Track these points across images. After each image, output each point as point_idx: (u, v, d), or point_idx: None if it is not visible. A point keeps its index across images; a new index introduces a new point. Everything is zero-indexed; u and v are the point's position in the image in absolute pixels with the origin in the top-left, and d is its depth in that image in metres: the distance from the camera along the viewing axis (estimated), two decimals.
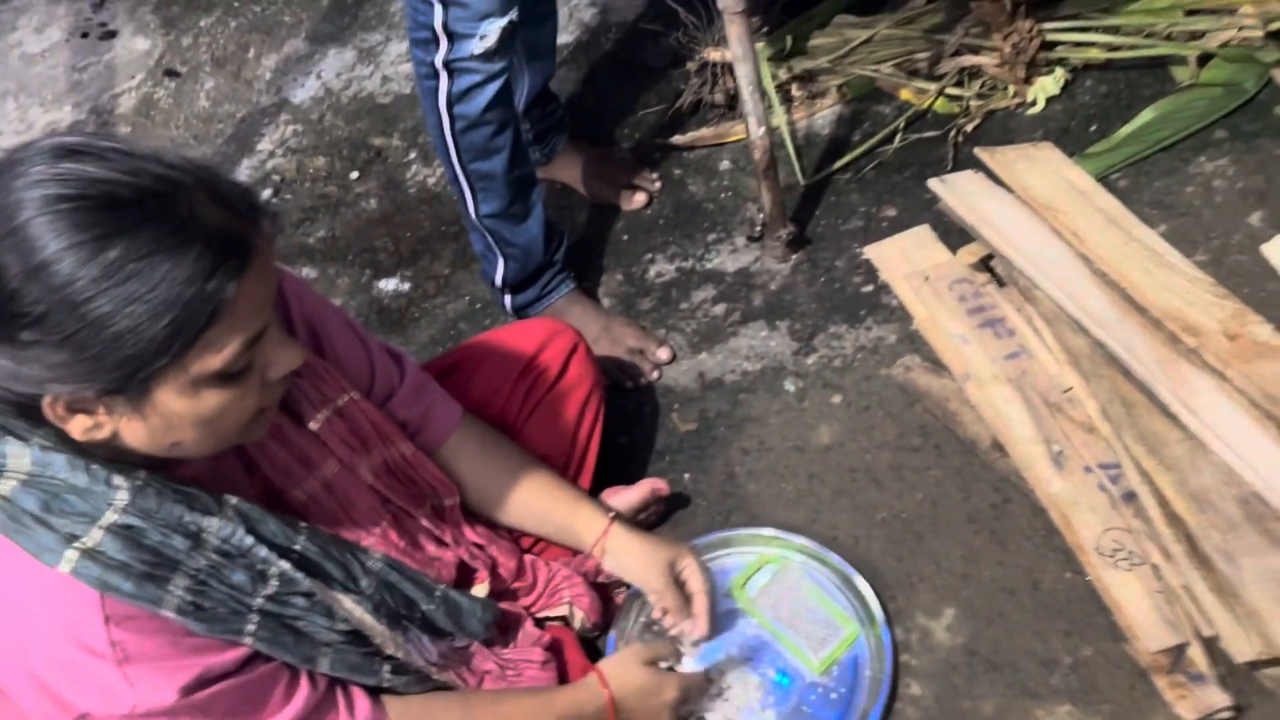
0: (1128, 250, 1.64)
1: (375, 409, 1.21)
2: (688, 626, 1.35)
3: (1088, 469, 1.45)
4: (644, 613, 1.43)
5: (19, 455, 0.92)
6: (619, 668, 1.25)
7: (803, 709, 1.33)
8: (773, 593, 1.45)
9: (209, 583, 0.98)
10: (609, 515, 1.36)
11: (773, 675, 1.36)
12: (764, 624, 1.41)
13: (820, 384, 1.69)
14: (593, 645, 1.43)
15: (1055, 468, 1.46)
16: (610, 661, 1.28)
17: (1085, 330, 1.56)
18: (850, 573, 1.43)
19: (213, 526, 0.98)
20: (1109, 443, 1.46)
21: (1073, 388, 1.53)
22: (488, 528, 1.35)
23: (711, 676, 1.36)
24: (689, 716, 1.33)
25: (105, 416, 0.89)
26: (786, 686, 1.35)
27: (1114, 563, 1.37)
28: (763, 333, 1.78)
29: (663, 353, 1.78)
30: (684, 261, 1.92)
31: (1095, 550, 1.38)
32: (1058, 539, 1.43)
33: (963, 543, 1.48)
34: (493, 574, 1.32)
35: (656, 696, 1.25)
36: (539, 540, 1.43)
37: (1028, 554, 1.44)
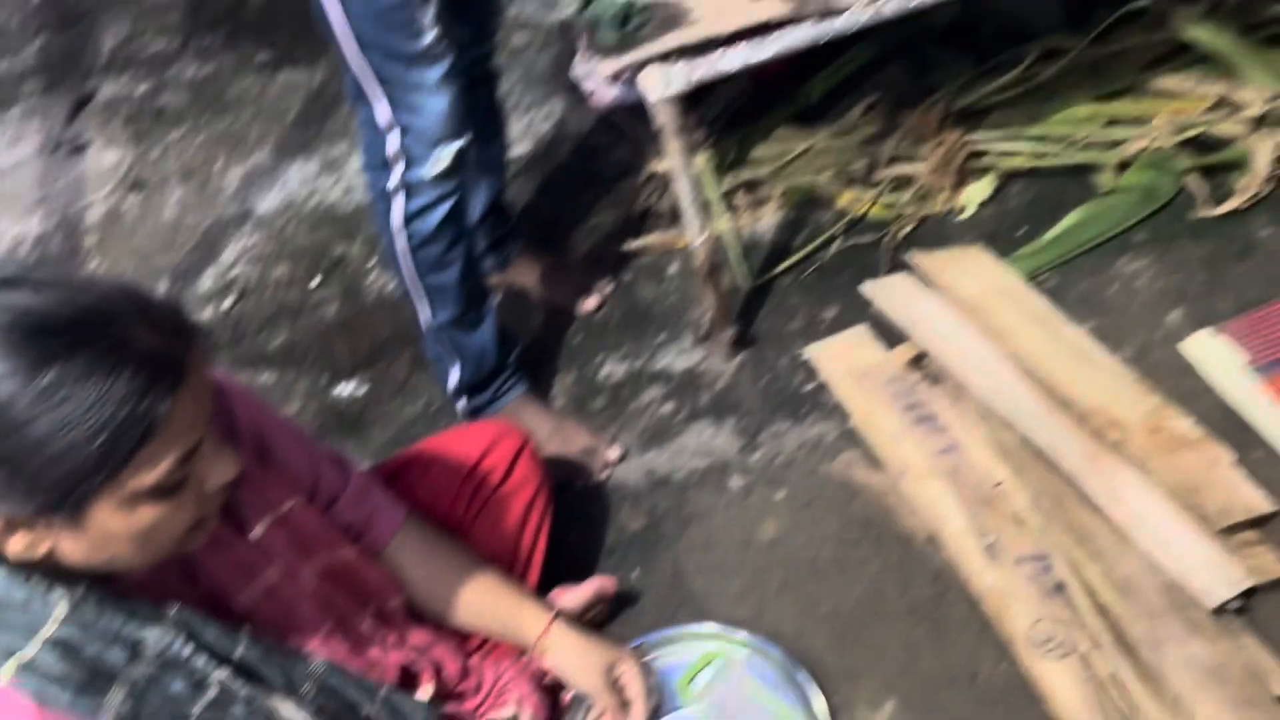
0: (1055, 348, 1.71)
1: (319, 514, 1.24)
2: None
3: (1019, 560, 1.50)
4: (589, 713, 1.44)
5: None
6: None
7: None
8: (717, 690, 1.47)
9: (147, 693, 0.99)
10: (550, 614, 1.38)
11: None
12: None
13: (764, 480, 1.74)
14: None
15: (988, 559, 1.51)
16: None
17: (1014, 426, 1.62)
18: (793, 668, 1.46)
19: (152, 636, 1.01)
20: (1038, 534, 1.51)
21: (1003, 481, 1.58)
22: (433, 629, 1.37)
23: None
24: None
25: (44, 533, 0.92)
26: None
27: (1045, 652, 1.40)
28: (709, 430, 1.83)
29: (613, 452, 1.83)
30: (634, 362, 1.98)
31: (1027, 640, 1.42)
32: (993, 630, 1.47)
33: (903, 634, 1.51)
34: (438, 676, 1.34)
35: None
36: (487, 640, 1.45)
37: (965, 645, 1.48)
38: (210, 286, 2.35)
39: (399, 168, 1.58)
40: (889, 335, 1.84)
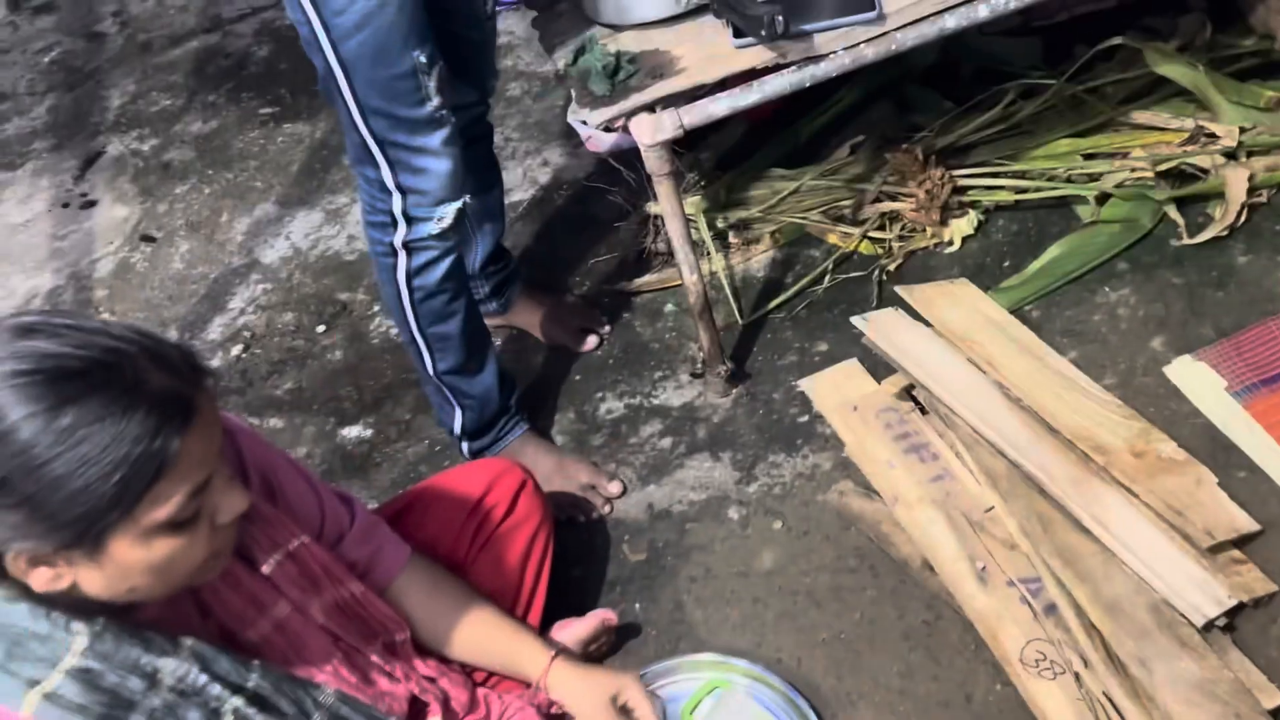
0: (1040, 377, 1.75)
1: (325, 551, 1.28)
2: None
3: (1010, 583, 1.53)
4: None
5: None
6: None
7: None
8: (720, 717, 1.50)
9: None
10: (552, 651, 1.42)
11: None
12: None
13: (762, 511, 1.78)
14: None
15: (980, 584, 1.54)
16: None
17: (1003, 453, 1.66)
18: (793, 694, 1.49)
19: (168, 667, 1.05)
20: (1029, 558, 1.55)
21: (993, 507, 1.62)
22: (440, 661, 1.41)
23: None
24: None
25: (65, 568, 0.96)
26: None
27: (1038, 673, 1.44)
28: (707, 464, 1.88)
29: (613, 487, 1.87)
30: (632, 399, 2.03)
31: (1020, 661, 1.45)
32: (986, 652, 1.50)
33: (899, 659, 1.54)
34: (445, 707, 1.37)
35: None
36: (493, 674, 1.48)
37: (960, 668, 1.51)
38: (219, 335, 2.41)
39: (401, 228, 1.62)
40: (879, 367, 1.89)
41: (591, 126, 1.65)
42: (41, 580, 0.96)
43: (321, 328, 2.36)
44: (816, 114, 2.35)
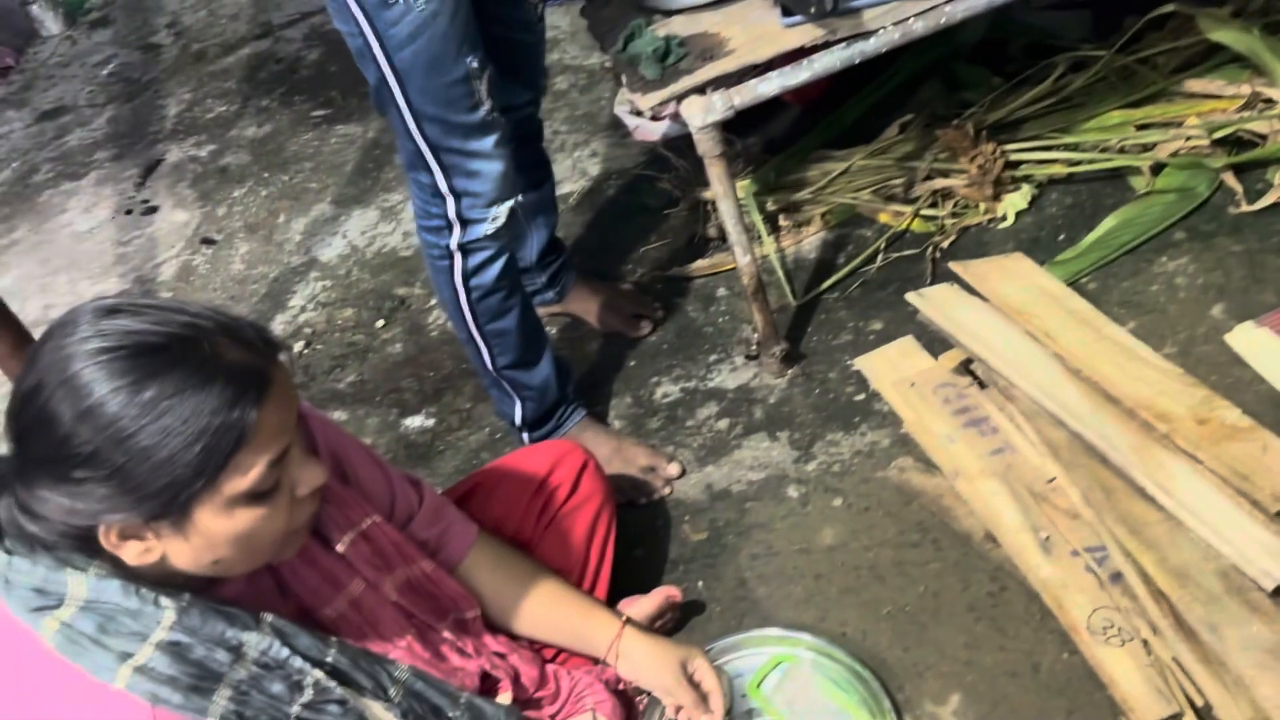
0: (1099, 347, 1.74)
1: (396, 530, 1.32)
2: None
3: (1075, 553, 1.53)
4: (665, 717, 1.49)
5: (77, 584, 1.03)
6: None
7: None
8: (787, 690, 1.52)
9: (250, 693, 1.07)
10: (621, 620, 1.44)
11: None
12: None
13: (821, 489, 1.78)
14: None
15: (1044, 554, 1.54)
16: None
17: (1063, 424, 1.66)
18: (858, 666, 1.50)
19: (252, 641, 1.08)
20: (1093, 527, 1.54)
21: (1055, 478, 1.62)
22: (509, 638, 1.43)
23: None
24: None
25: (154, 540, 1.00)
26: None
27: (1105, 640, 1.43)
28: (764, 444, 1.89)
29: (672, 469, 1.88)
30: (688, 382, 2.04)
31: (1087, 629, 1.45)
32: (1053, 621, 1.50)
33: (964, 630, 1.54)
34: (515, 683, 1.40)
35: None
36: (560, 651, 1.51)
37: (1026, 638, 1.51)
38: (281, 332, 2.46)
39: (456, 231, 1.64)
40: (935, 344, 1.89)
41: (644, 111, 1.67)
42: (132, 553, 1.00)
43: (380, 322, 2.40)
44: (864, 95, 2.35)
